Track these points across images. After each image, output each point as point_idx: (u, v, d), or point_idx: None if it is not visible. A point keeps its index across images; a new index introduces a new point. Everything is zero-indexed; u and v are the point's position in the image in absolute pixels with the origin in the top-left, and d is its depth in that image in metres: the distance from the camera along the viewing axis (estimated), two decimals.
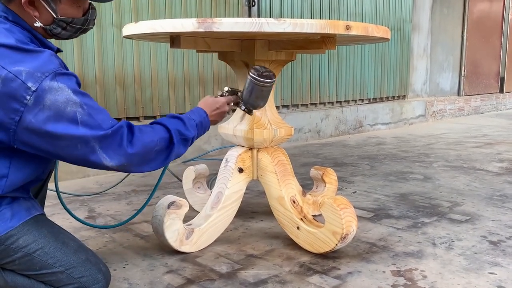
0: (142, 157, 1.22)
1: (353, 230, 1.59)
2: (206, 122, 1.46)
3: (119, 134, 1.17)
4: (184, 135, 1.34)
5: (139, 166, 1.24)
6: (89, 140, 1.12)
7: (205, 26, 1.37)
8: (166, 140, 1.29)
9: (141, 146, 1.21)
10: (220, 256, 1.67)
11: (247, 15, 3.79)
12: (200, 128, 1.42)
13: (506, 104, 7.74)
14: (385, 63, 5.20)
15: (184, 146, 1.35)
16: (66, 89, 1.11)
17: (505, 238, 1.83)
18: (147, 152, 1.23)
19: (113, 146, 1.16)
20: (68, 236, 1.29)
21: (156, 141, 1.25)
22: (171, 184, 2.71)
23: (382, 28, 1.58)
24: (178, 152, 1.33)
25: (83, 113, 1.12)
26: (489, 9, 6.98)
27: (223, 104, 1.52)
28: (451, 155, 3.58)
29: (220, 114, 1.52)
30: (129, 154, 1.19)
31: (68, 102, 1.10)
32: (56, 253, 1.22)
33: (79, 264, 1.23)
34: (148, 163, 1.26)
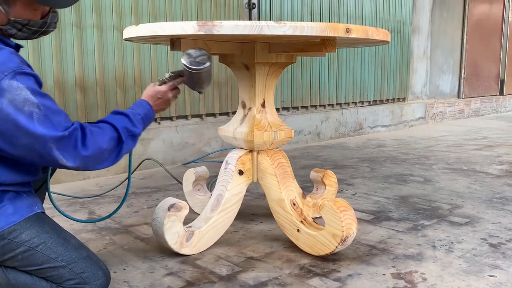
0: (96, 158, 1.25)
1: (353, 232, 1.59)
2: (151, 113, 1.47)
3: (73, 137, 1.20)
4: (132, 131, 1.36)
5: (94, 166, 1.27)
6: (46, 140, 1.15)
7: (205, 29, 1.37)
8: (115, 139, 1.31)
9: (94, 149, 1.24)
10: (220, 259, 1.67)
11: (247, 18, 3.80)
12: (146, 120, 1.44)
13: (506, 106, 7.75)
14: (385, 66, 5.20)
15: (133, 141, 1.38)
16: (25, 89, 1.12)
17: (505, 240, 1.83)
18: (100, 153, 1.26)
19: (69, 149, 1.19)
20: (69, 234, 1.32)
21: (107, 142, 1.28)
22: (171, 186, 2.71)
23: (382, 31, 1.59)
24: (128, 148, 1.36)
25: (39, 113, 1.14)
26: (489, 11, 6.99)
27: (165, 93, 1.52)
28: (451, 158, 3.58)
29: (164, 102, 1.53)
30: (84, 156, 1.21)
31: (26, 102, 1.12)
32: (58, 248, 1.23)
33: (81, 260, 1.25)
34: (102, 162, 1.29)
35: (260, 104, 1.84)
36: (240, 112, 1.88)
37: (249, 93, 1.85)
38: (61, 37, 2.79)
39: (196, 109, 3.51)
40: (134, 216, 2.15)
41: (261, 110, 1.84)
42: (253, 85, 1.82)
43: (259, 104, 1.84)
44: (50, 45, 2.75)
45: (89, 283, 1.25)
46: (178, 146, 3.38)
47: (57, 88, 2.80)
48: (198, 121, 3.55)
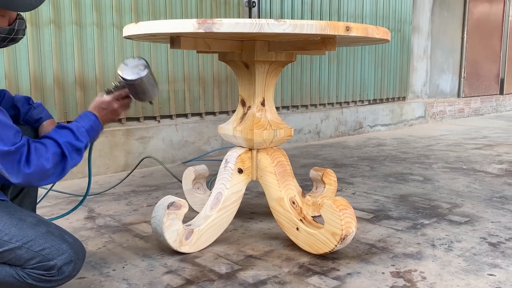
0: (38, 175, 1.24)
1: (352, 231, 1.59)
2: (97, 124, 1.43)
3: (19, 153, 1.19)
4: (75, 145, 1.33)
5: (37, 182, 1.26)
6: None
7: (205, 26, 1.37)
8: (59, 154, 1.29)
9: (36, 167, 1.22)
10: (219, 257, 1.67)
11: (247, 16, 3.80)
12: (91, 132, 1.40)
13: (506, 105, 7.75)
14: (385, 65, 5.20)
15: (78, 155, 1.35)
16: None
17: (504, 239, 1.83)
18: (42, 170, 1.24)
19: (12, 165, 1.18)
20: (27, 213, 1.27)
21: (49, 158, 1.25)
22: (170, 185, 2.71)
23: (382, 29, 1.58)
24: (73, 162, 1.33)
25: None
26: (489, 11, 6.99)
27: (109, 103, 1.47)
28: (450, 157, 3.58)
29: (110, 112, 1.48)
30: (26, 174, 1.20)
31: None
32: (11, 229, 1.20)
33: (38, 236, 1.20)
34: (46, 178, 1.27)
35: (259, 103, 1.84)
36: (239, 111, 1.88)
37: (248, 91, 1.84)
38: (61, 35, 2.79)
39: (196, 108, 3.51)
40: (133, 214, 2.15)
41: (260, 108, 1.84)
42: (252, 83, 1.82)
43: (259, 103, 1.83)
44: (50, 43, 2.75)
45: (52, 259, 1.19)
46: (178, 145, 3.38)
47: (57, 86, 2.80)
48: (197, 119, 3.55)
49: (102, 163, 2.98)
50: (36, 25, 2.69)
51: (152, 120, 3.30)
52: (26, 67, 2.67)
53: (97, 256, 1.66)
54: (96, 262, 1.62)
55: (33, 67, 2.70)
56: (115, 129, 3.05)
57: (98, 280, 1.47)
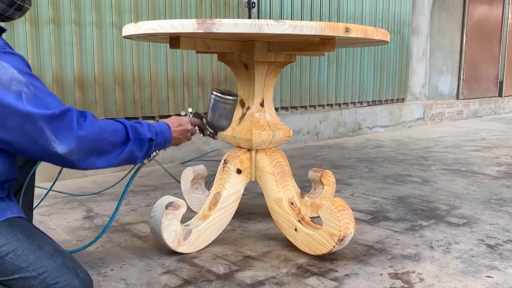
0: (93, 145, 1.15)
1: (350, 232, 1.59)
2: (168, 134, 1.39)
3: (68, 116, 1.11)
4: (141, 133, 1.28)
5: (89, 156, 1.16)
6: (36, 119, 1.07)
7: (204, 27, 1.37)
8: (122, 133, 1.23)
9: (93, 130, 1.15)
10: (217, 257, 1.67)
11: (247, 16, 3.80)
12: (160, 136, 1.36)
13: (504, 108, 7.76)
14: (384, 66, 5.20)
15: (140, 147, 1.28)
16: (10, 68, 1.08)
17: (502, 241, 1.84)
18: (99, 140, 1.16)
19: (62, 129, 1.10)
20: (45, 239, 1.23)
21: (109, 131, 1.19)
22: (169, 185, 2.71)
23: (381, 31, 1.59)
24: (133, 151, 1.26)
25: (28, 93, 1.08)
26: (488, 13, 7.00)
27: (186, 122, 1.47)
28: (449, 159, 3.58)
29: (183, 131, 1.46)
30: (79, 136, 1.11)
31: (12, 81, 1.07)
32: (29, 257, 1.16)
33: (54, 268, 1.17)
34: (100, 155, 1.18)
35: (259, 103, 1.84)
36: (238, 111, 1.88)
37: (248, 92, 1.84)
38: (60, 34, 2.79)
39: (195, 108, 3.51)
40: (131, 214, 2.15)
41: (259, 109, 1.84)
42: (252, 84, 1.82)
43: (258, 103, 1.83)
44: (49, 42, 2.75)
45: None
46: None
47: (56, 85, 2.80)
48: None
49: None
50: (35, 24, 2.69)
51: (151, 120, 3.30)
52: None
53: (95, 256, 1.66)
54: (94, 262, 1.61)
55: (32, 66, 2.70)
56: None
57: (96, 280, 1.47)
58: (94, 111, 2.96)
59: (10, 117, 1.07)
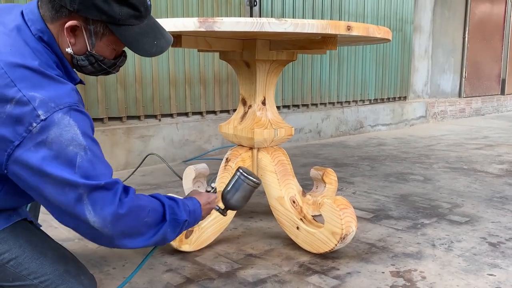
0: (130, 224, 1.08)
1: (352, 230, 1.59)
2: (198, 212, 1.30)
3: (113, 190, 1.05)
4: (177, 215, 1.20)
5: (121, 234, 1.08)
6: (79, 186, 1.00)
7: (206, 25, 1.37)
8: (160, 213, 1.16)
9: (133, 209, 1.08)
10: (219, 256, 1.67)
11: (248, 15, 3.79)
12: (192, 216, 1.27)
13: (507, 106, 7.74)
14: (386, 64, 5.19)
15: (174, 229, 1.20)
16: (76, 128, 1.02)
17: (504, 239, 1.83)
18: (136, 219, 1.09)
19: (102, 201, 1.03)
20: (48, 245, 1.19)
21: (148, 210, 1.12)
22: (171, 183, 2.71)
23: (383, 29, 1.58)
24: (167, 233, 1.18)
25: (84, 158, 1.02)
26: (490, 11, 6.98)
27: (213, 200, 1.39)
28: (451, 157, 3.58)
29: (210, 209, 1.38)
30: (117, 214, 1.04)
31: (72, 142, 1.01)
32: (31, 264, 1.12)
33: (56, 276, 1.13)
34: (134, 236, 1.10)
35: (260, 102, 1.84)
36: (240, 110, 1.88)
37: (249, 90, 1.84)
38: None
39: (197, 106, 3.51)
40: None
41: (261, 107, 1.84)
42: (253, 82, 1.82)
43: (260, 102, 1.83)
44: None
45: None
46: (179, 143, 3.38)
47: None
48: (198, 118, 3.55)
49: None
50: None
51: (153, 119, 3.31)
52: None
53: (97, 255, 1.67)
54: (96, 260, 1.62)
55: None
56: (116, 127, 3.06)
57: (98, 279, 1.47)
58: (96, 110, 2.97)
59: (55, 178, 1.01)
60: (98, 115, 2.97)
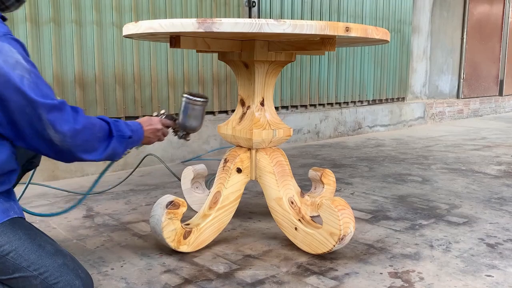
0: (85, 138, 1.23)
1: (350, 231, 1.59)
2: (140, 132, 1.48)
3: (66, 108, 1.18)
4: (121, 131, 1.37)
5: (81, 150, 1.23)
6: (37, 105, 1.12)
7: (205, 26, 1.37)
8: (106, 130, 1.32)
9: (85, 124, 1.22)
10: (217, 256, 1.67)
11: (247, 16, 3.80)
12: (135, 134, 1.44)
13: (505, 107, 7.75)
14: (385, 65, 5.20)
15: (121, 143, 1.36)
16: (16, 53, 1.12)
17: (502, 240, 1.84)
18: (90, 134, 1.24)
19: (60, 119, 1.16)
20: (46, 239, 1.24)
21: (98, 126, 1.27)
22: (169, 184, 2.71)
23: (381, 30, 1.59)
24: (116, 147, 1.34)
25: (30, 80, 1.12)
26: (489, 12, 6.99)
27: (156, 122, 1.56)
28: (449, 158, 3.58)
29: (154, 130, 1.55)
30: (75, 129, 1.19)
31: (17, 65, 1.11)
32: (30, 256, 1.17)
33: (55, 268, 1.18)
34: (90, 150, 1.26)
35: (259, 102, 1.84)
36: (239, 110, 1.88)
37: (248, 91, 1.85)
38: (60, 33, 2.79)
39: None
40: (132, 213, 2.15)
41: (260, 108, 1.84)
42: (252, 83, 1.82)
43: (258, 102, 1.84)
44: (50, 41, 2.75)
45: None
46: (177, 144, 3.38)
47: (56, 84, 2.80)
48: None
49: (101, 162, 2.98)
50: (36, 23, 2.69)
51: None
52: None
53: (95, 255, 1.67)
54: (95, 261, 1.62)
55: None
56: None
57: (96, 279, 1.47)
58: (94, 110, 2.96)
59: (13, 95, 1.11)
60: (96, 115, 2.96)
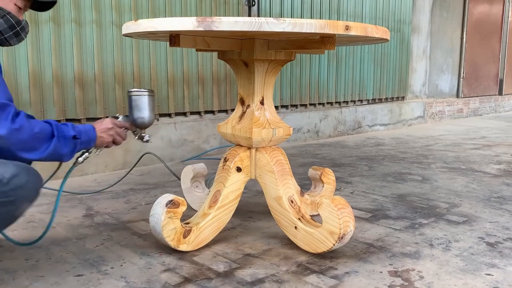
0: (23, 138, 1.30)
1: (350, 230, 1.59)
2: (92, 133, 1.55)
3: (6, 109, 1.27)
4: (64, 131, 1.43)
5: (20, 148, 1.32)
6: None
7: (204, 25, 1.37)
8: (48, 131, 1.39)
9: (23, 125, 1.30)
10: (217, 255, 1.67)
11: (247, 14, 3.79)
12: (84, 135, 1.51)
13: (504, 106, 7.75)
14: (384, 64, 5.20)
15: (65, 143, 1.43)
16: None
17: (502, 239, 1.84)
18: (28, 134, 1.32)
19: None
20: None
21: (38, 128, 1.35)
22: (169, 183, 2.71)
23: (381, 29, 1.58)
24: (59, 147, 1.41)
25: None
26: (488, 11, 6.99)
27: (107, 122, 1.63)
28: (449, 157, 3.58)
29: (105, 130, 1.61)
30: (11, 129, 1.27)
31: None
32: None
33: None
34: (30, 149, 1.34)
35: (259, 101, 1.84)
36: (238, 109, 1.88)
37: (248, 90, 1.84)
38: (60, 33, 2.79)
39: (195, 106, 3.51)
40: (131, 212, 2.15)
41: (259, 107, 1.84)
42: (252, 82, 1.82)
43: (258, 101, 1.83)
44: (49, 41, 2.75)
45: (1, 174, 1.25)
46: (177, 143, 3.38)
47: (56, 84, 2.80)
48: (196, 118, 3.55)
49: (100, 161, 2.98)
50: (35, 23, 2.69)
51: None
52: (25, 64, 2.66)
53: (95, 254, 1.66)
54: (94, 260, 1.62)
55: (32, 65, 2.70)
56: None
57: (96, 278, 1.47)
58: (94, 110, 2.96)
59: None
60: (96, 115, 2.97)
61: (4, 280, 1.45)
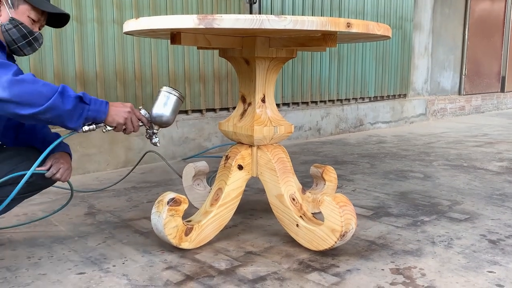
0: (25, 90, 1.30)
1: (352, 228, 1.59)
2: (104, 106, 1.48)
3: (9, 65, 1.31)
4: (68, 91, 1.38)
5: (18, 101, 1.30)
6: None
7: (205, 22, 1.37)
8: (54, 88, 1.36)
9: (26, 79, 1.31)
10: (219, 253, 1.67)
11: (248, 12, 3.79)
12: (94, 103, 1.45)
13: (507, 103, 7.73)
14: (386, 62, 5.19)
15: (67, 101, 1.37)
16: None
17: (504, 237, 1.83)
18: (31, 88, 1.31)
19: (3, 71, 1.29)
20: None
21: (42, 84, 1.34)
22: (171, 181, 2.71)
23: (383, 26, 1.58)
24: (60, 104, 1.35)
25: None
26: (490, 8, 6.97)
27: (127, 105, 1.56)
28: (451, 154, 3.58)
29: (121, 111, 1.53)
30: (12, 79, 1.28)
31: None
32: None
33: None
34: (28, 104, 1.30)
35: (260, 99, 1.83)
36: (240, 107, 1.88)
37: (249, 88, 1.84)
38: (61, 31, 2.79)
39: (197, 104, 3.51)
40: (133, 210, 2.15)
41: (261, 105, 1.83)
42: (253, 79, 1.81)
43: (259, 99, 1.83)
44: (51, 39, 2.75)
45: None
46: (178, 141, 3.38)
47: (57, 82, 2.80)
48: (198, 116, 3.54)
49: (102, 159, 2.98)
50: None
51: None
52: (26, 62, 2.67)
53: (97, 252, 1.67)
54: (96, 257, 1.62)
55: (34, 63, 2.70)
56: None
57: (98, 276, 1.48)
58: None
59: None
60: None
61: (6, 278, 1.45)
